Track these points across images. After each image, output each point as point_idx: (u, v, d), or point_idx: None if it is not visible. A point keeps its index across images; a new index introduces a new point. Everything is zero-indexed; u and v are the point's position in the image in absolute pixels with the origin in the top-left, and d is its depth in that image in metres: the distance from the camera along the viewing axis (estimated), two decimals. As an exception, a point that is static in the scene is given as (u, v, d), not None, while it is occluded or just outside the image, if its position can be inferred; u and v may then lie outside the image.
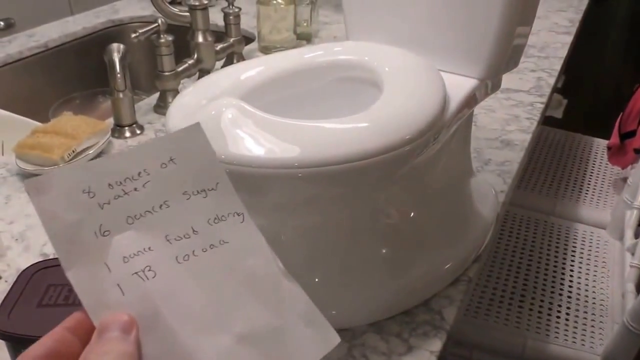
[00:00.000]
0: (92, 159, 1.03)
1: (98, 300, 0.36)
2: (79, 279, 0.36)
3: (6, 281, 0.79)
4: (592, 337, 1.23)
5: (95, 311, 0.36)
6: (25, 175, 1.01)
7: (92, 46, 1.63)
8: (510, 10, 0.76)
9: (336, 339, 0.39)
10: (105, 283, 0.36)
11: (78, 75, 1.61)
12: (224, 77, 0.78)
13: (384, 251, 0.75)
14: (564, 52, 1.55)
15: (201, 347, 0.36)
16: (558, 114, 2.49)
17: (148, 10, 1.75)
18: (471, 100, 0.79)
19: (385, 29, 0.86)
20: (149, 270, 0.37)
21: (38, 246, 0.86)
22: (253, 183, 0.61)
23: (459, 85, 0.78)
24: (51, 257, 0.83)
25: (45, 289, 0.59)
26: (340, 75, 0.82)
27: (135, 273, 0.37)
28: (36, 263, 0.62)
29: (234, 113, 0.66)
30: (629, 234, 1.36)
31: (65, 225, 0.37)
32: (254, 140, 0.63)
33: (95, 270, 0.36)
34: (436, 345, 0.72)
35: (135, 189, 0.39)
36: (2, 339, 0.57)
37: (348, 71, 0.81)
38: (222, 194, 0.41)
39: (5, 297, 0.59)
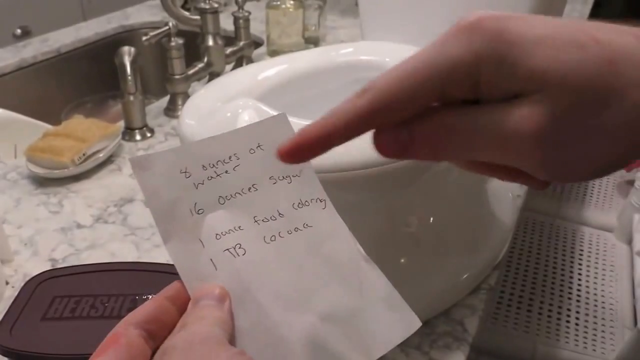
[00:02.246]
0: (102, 163, 0.98)
1: (193, 272, 0.37)
2: (176, 252, 0.37)
3: (13, 287, 0.73)
4: (602, 342, 1.16)
5: (191, 282, 0.36)
6: (35, 179, 0.95)
7: (104, 51, 1.57)
8: (535, 12, 0.70)
9: (417, 323, 0.38)
10: (200, 257, 0.37)
11: (90, 79, 1.56)
12: (239, 78, 0.72)
13: (402, 260, 0.69)
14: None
15: (288, 323, 0.36)
16: None
17: (158, 16, 1.70)
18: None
19: (403, 28, 0.80)
20: (240, 247, 0.37)
21: (47, 251, 0.79)
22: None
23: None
24: (60, 263, 0.76)
25: (51, 301, 0.53)
26: (358, 75, 0.75)
27: (227, 250, 0.37)
28: (42, 273, 0.56)
29: (250, 114, 0.60)
30: (638, 237, 1.30)
31: (164, 202, 0.38)
32: (272, 143, 0.56)
33: (190, 245, 0.37)
34: (459, 358, 0.66)
35: (226, 172, 0.40)
36: (4, 355, 0.50)
37: (366, 72, 0.75)
38: (306, 180, 0.41)
39: (8, 310, 0.52)
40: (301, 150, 0.32)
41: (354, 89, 0.76)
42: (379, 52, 0.76)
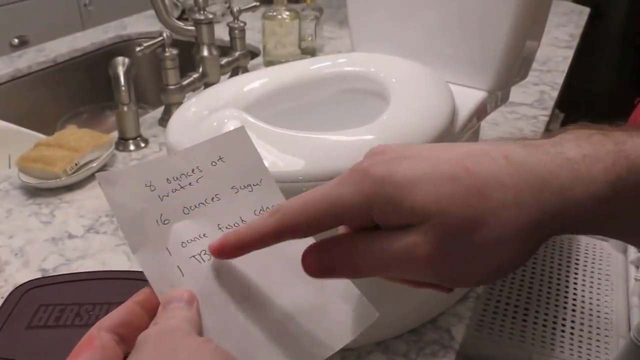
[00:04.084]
0: (96, 172, 0.99)
1: (162, 279, 0.38)
2: (144, 260, 0.39)
3: (2, 297, 0.74)
4: (597, 351, 1.16)
5: (160, 288, 0.38)
6: (27, 189, 0.96)
7: (100, 61, 1.58)
8: (521, 22, 0.71)
9: (374, 315, 0.41)
10: (167, 265, 0.39)
11: (86, 89, 1.57)
12: (227, 89, 0.73)
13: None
14: (565, 66, 1.50)
15: (253, 321, 0.38)
16: (555, 127, 2.45)
17: (156, 27, 1.71)
18: (481, 112, 0.74)
19: (392, 40, 0.81)
20: (205, 253, 0.39)
21: (37, 261, 0.80)
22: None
23: (468, 97, 0.73)
24: (50, 273, 0.77)
25: (36, 309, 0.54)
26: (346, 86, 0.76)
27: (193, 256, 0.39)
28: (28, 282, 0.57)
29: (236, 125, 0.61)
30: (633, 247, 1.30)
31: (131, 214, 0.40)
32: (256, 153, 0.57)
33: (158, 254, 0.39)
34: (445, 365, 0.67)
35: (190, 184, 0.42)
36: (-11, 363, 0.51)
37: (354, 82, 0.76)
38: (266, 188, 0.43)
39: (-7, 319, 0.53)
40: (223, 252, 0.38)
41: (341, 99, 0.77)
42: (366, 64, 0.77)
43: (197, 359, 0.33)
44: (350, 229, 0.38)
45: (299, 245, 0.40)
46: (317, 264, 0.37)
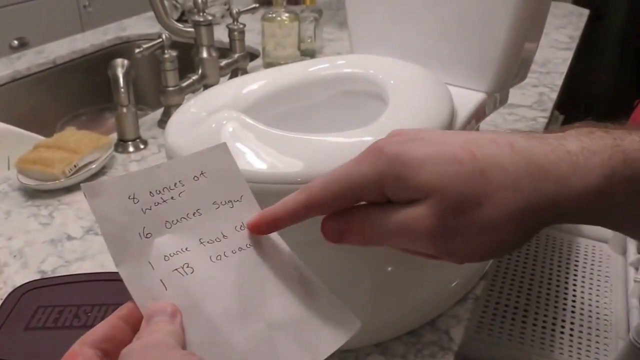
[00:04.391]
0: (94, 174, 1.00)
1: (145, 292, 0.38)
2: (127, 274, 0.39)
3: (1, 299, 0.74)
4: (597, 353, 1.16)
5: (143, 302, 0.38)
6: (26, 191, 0.96)
7: (100, 63, 1.58)
8: (520, 24, 0.71)
9: (357, 324, 0.42)
10: (150, 278, 0.39)
11: (85, 91, 1.57)
12: (225, 91, 0.73)
13: (389, 269, 0.70)
14: (564, 68, 1.50)
15: (237, 333, 0.38)
16: (554, 129, 2.45)
17: (155, 28, 1.71)
18: (480, 114, 0.74)
19: (391, 42, 0.81)
20: (187, 267, 0.40)
21: (36, 263, 0.80)
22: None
23: (467, 99, 0.73)
24: (49, 275, 0.77)
25: (34, 310, 0.54)
26: (345, 88, 0.76)
27: (176, 270, 0.39)
28: (26, 283, 0.57)
29: (234, 126, 0.61)
30: (632, 249, 1.30)
31: (114, 226, 0.40)
32: (255, 154, 0.58)
33: (140, 267, 0.39)
34: (444, 367, 0.67)
35: (172, 198, 0.42)
36: (-13, 365, 0.51)
37: (353, 84, 0.76)
38: (246, 205, 0.44)
39: (-8, 320, 0.53)
40: (261, 227, 0.42)
41: (340, 101, 0.77)
42: (365, 65, 0.77)
43: None
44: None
45: (280, 260, 0.43)
46: (334, 227, 0.40)
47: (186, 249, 0.41)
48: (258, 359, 0.38)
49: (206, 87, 1.27)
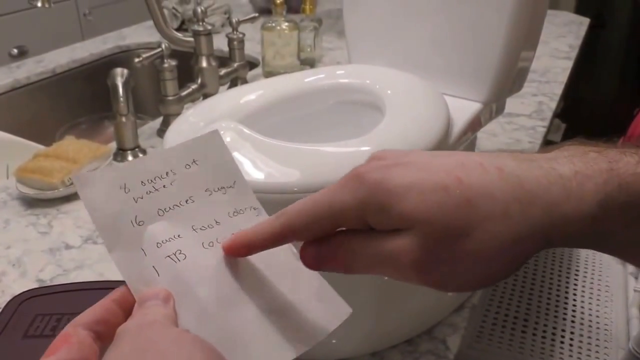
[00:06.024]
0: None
1: (137, 278, 0.39)
2: (120, 260, 0.40)
3: None
4: (596, 362, 1.17)
5: (136, 287, 0.39)
6: (25, 200, 0.97)
7: (99, 71, 1.59)
8: (515, 34, 0.73)
9: (347, 311, 0.42)
10: (143, 265, 0.40)
11: (85, 100, 1.58)
12: (223, 101, 0.74)
13: (385, 278, 0.71)
14: (564, 77, 1.51)
15: (229, 318, 0.39)
16: (557, 137, 2.46)
17: (155, 37, 1.72)
18: (475, 124, 0.75)
19: (388, 52, 0.82)
20: (180, 253, 0.40)
21: (34, 272, 0.81)
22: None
23: (463, 109, 0.74)
24: (47, 283, 0.78)
25: (33, 318, 0.55)
26: (341, 98, 0.78)
27: (168, 256, 0.40)
28: (24, 292, 0.58)
29: (232, 136, 0.62)
30: (632, 258, 1.31)
31: (105, 215, 0.41)
32: (252, 164, 0.59)
33: (133, 254, 0.40)
34: (440, 376, 0.68)
35: (164, 186, 0.43)
36: (-14, 373, 0.52)
37: (350, 94, 0.77)
38: (239, 191, 0.45)
39: (-10, 328, 0.54)
40: (232, 249, 0.41)
41: (337, 111, 0.78)
42: (362, 76, 0.78)
43: (177, 348, 0.34)
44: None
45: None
46: (313, 253, 0.39)
47: (178, 235, 0.41)
48: (250, 344, 0.39)
49: (206, 96, 1.28)
